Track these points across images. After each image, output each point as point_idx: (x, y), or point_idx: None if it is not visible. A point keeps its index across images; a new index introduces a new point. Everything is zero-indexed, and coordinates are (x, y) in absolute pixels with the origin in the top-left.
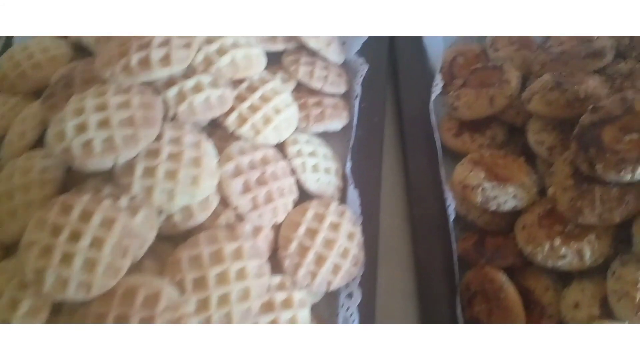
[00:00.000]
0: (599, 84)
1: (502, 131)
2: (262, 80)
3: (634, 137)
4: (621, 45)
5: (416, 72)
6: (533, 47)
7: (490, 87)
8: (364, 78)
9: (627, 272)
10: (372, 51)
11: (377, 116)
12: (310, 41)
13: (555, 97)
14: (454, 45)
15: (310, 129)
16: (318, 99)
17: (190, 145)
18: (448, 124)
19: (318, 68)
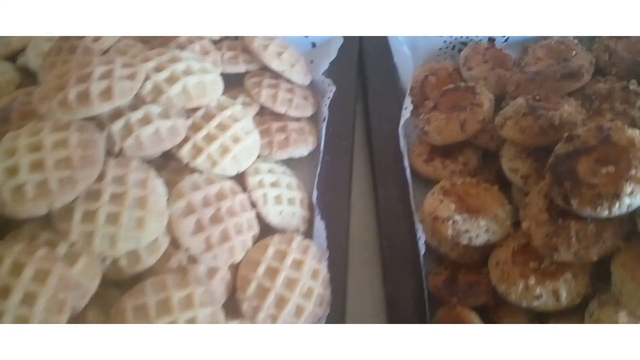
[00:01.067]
0: (575, 109)
1: (475, 156)
2: (220, 106)
3: (611, 169)
4: (600, 61)
5: (386, 93)
6: (508, 65)
7: (461, 111)
8: (332, 100)
9: (605, 315)
10: (340, 71)
11: (345, 140)
12: (273, 63)
13: (528, 124)
14: (426, 63)
15: (273, 156)
16: (282, 124)
17: (136, 183)
18: (419, 148)
19: (282, 91)
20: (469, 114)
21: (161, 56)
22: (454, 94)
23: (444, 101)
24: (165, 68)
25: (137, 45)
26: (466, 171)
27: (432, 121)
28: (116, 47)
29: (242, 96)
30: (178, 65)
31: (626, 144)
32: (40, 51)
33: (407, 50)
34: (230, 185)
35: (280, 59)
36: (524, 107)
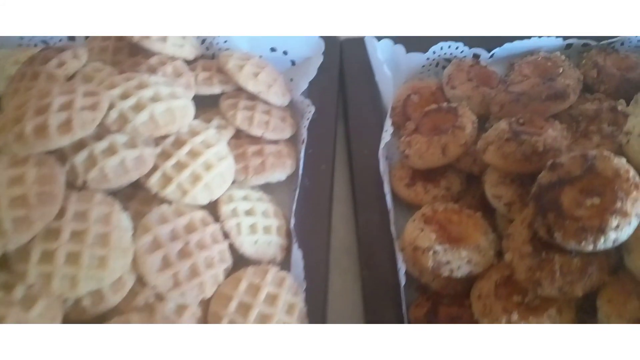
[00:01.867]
0: (560, 133)
1: (457, 180)
2: (192, 131)
3: (596, 201)
4: (588, 78)
5: (368, 113)
6: (493, 83)
7: (442, 134)
8: (311, 121)
9: None
10: (320, 91)
11: (325, 163)
12: (249, 84)
13: (511, 150)
14: (408, 81)
15: (249, 182)
16: (259, 147)
17: (99, 219)
18: (400, 171)
19: (259, 112)
20: (451, 138)
21: (128, 82)
22: (436, 115)
23: (426, 123)
24: (131, 95)
25: (105, 69)
26: (449, 196)
27: (413, 144)
28: (83, 72)
29: (218, 118)
30: (145, 91)
31: (611, 174)
32: (7, 75)
33: (388, 71)
34: (201, 215)
35: (257, 79)
36: (506, 132)
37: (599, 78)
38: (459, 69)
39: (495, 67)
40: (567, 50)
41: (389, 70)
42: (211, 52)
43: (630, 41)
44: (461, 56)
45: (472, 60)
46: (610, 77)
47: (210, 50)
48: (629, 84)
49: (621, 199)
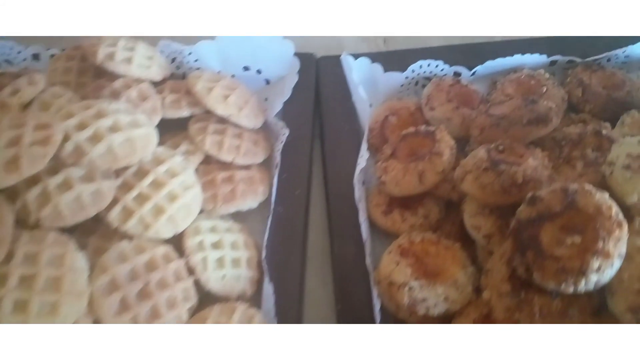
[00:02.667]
0: (541, 162)
1: (436, 208)
2: (157, 160)
3: (576, 240)
4: (573, 97)
5: (345, 136)
6: (475, 103)
7: (419, 161)
8: (286, 144)
9: None
10: (295, 113)
11: (299, 188)
12: (218, 108)
13: (489, 180)
14: (387, 101)
15: (218, 211)
16: (229, 174)
17: (50, 262)
18: (377, 198)
19: (229, 137)
20: (428, 165)
21: (86, 111)
22: (413, 140)
23: (403, 147)
24: (88, 125)
25: (65, 95)
26: (427, 224)
27: (389, 170)
28: (40, 99)
29: (186, 143)
30: (104, 121)
31: (593, 211)
32: None
33: (363, 93)
34: (163, 251)
35: (227, 102)
36: (484, 161)
37: (584, 97)
38: (439, 89)
39: (478, 84)
40: (551, 67)
41: (365, 90)
42: (182, 72)
43: (617, 57)
44: (441, 74)
45: (452, 79)
46: (595, 96)
47: (180, 69)
48: (614, 104)
49: (603, 238)
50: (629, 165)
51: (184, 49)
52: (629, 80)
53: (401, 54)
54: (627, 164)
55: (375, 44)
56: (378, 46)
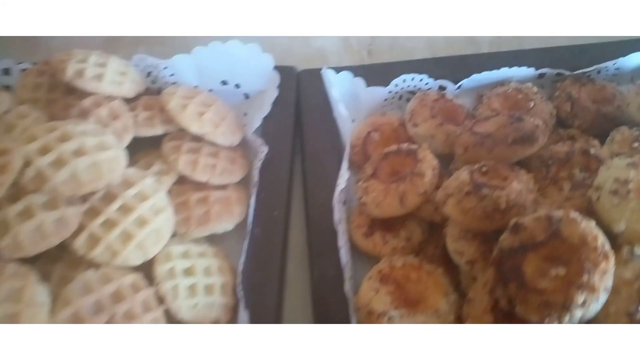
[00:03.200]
0: (526, 185)
1: (418, 229)
2: (126, 182)
3: (561, 272)
4: (562, 112)
5: (326, 154)
6: (460, 118)
7: (400, 182)
8: (264, 162)
9: None
10: (274, 129)
11: (278, 209)
12: (192, 126)
13: (471, 205)
14: (369, 116)
15: (191, 234)
16: (203, 194)
17: (8, 297)
18: (358, 219)
19: (204, 156)
20: (409, 186)
21: (50, 134)
22: (395, 159)
23: (384, 166)
24: (52, 149)
25: (31, 115)
26: (409, 247)
27: (370, 191)
28: (4, 120)
29: (159, 163)
30: (68, 144)
31: (578, 241)
32: None
33: (344, 110)
34: (131, 280)
35: (202, 120)
36: (467, 184)
37: (573, 112)
38: (422, 105)
39: (464, 98)
40: (540, 80)
41: (348, 105)
42: (158, 86)
43: (607, 69)
44: (426, 88)
45: (436, 93)
46: (584, 111)
47: (156, 83)
48: (604, 119)
49: (588, 271)
50: (617, 190)
51: (159, 64)
52: (619, 94)
53: (385, 67)
54: (614, 189)
55: (359, 56)
56: (362, 58)
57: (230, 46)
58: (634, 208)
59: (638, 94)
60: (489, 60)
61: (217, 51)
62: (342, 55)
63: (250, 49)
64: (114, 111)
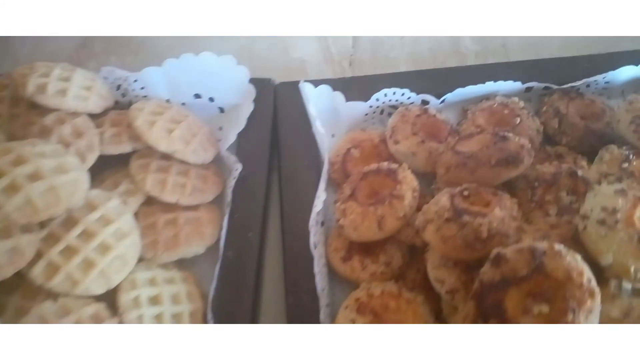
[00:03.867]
0: (509, 212)
1: (398, 253)
2: (89, 206)
3: (544, 309)
4: (549, 128)
5: (304, 170)
6: (443, 135)
7: (379, 205)
8: (239, 180)
9: None
10: (250, 144)
11: (252, 231)
12: (160, 144)
13: (451, 233)
14: (350, 132)
15: (159, 259)
16: (172, 216)
17: None
18: (337, 241)
19: (173, 175)
20: (388, 209)
21: (3, 157)
22: (374, 179)
23: (363, 187)
24: (4, 174)
25: None
26: (389, 272)
27: (348, 214)
28: None
29: (127, 182)
30: (22, 168)
31: (562, 277)
32: None
33: (321, 128)
34: (93, 311)
35: (171, 137)
36: (447, 210)
37: (561, 129)
38: (404, 120)
39: (448, 112)
40: (527, 94)
41: (327, 119)
42: (128, 99)
43: (596, 83)
44: (408, 102)
45: (419, 108)
46: (572, 127)
47: (126, 97)
48: (593, 137)
49: (573, 309)
50: (604, 220)
51: (129, 76)
52: (608, 110)
53: (366, 80)
54: (601, 219)
55: (340, 67)
56: (343, 69)
57: (203, 58)
58: (622, 240)
59: (628, 111)
60: (475, 72)
61: (189, 63)
62: (322, 66)
63: (224, 61)
64: (77, 128)
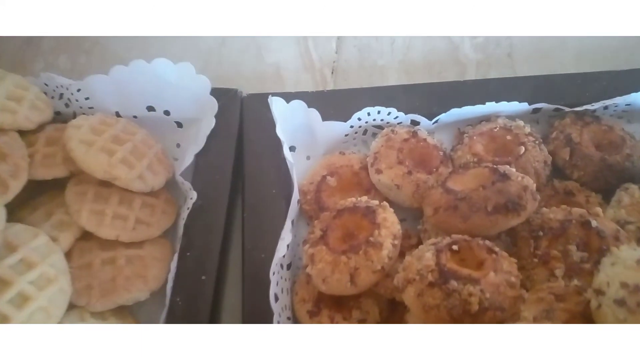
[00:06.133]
0: (505, 277)
1: (375, 308)
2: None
3: None
4: (559, 159)
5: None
6: (434, 163)
7: (353, 253)
8: (192, 212)
9: None
10: (208, 168)
11: (207, 273)
12: (97, 170)
13: (434, 302)
14: (327, 155)
15: (92, 307)
16: (111, 254)
17: None
18: (304, 291)
19: (114, 205)
20: (362, 261)
21: None
22: (350, 218)
23: (336, 228)
24: None
25: None
26: None
27: (317, 261)
28: None
29: (61, 212)
30: None
31: None
32: None
33: (289, 155)
34: None
35: (111, 161)
36: (431, 271)
37: (572, 161)
38: (388, 145)
39: (441, 133)
40: (534, 115)
41: (301, 139)
42: (72, 110)
43: (616, 106)
44: (395, 122)
45: (407, 130)
46: (586, 160)
47: (70, 107)
48: (610, 172)
49: None
50: (624, 300)
51: (71, 85)
52: (629, 139)
53: (348, 94)
54: (620, 298)
55: (320, 76)
56: (324, 78)
57: (156, 66)
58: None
59: None
60: (474, 88)
61: (140, 71)
62: (300, 74)
63: (181, 69)
64: (0, 149)
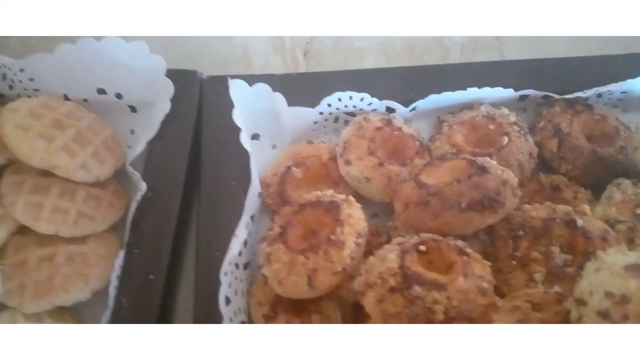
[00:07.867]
0: (476, 283)
1: (337, 314)
2: None
3: None
4: (546, 151)
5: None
6: (409, 153)
7: (312, 253)
8: (142, 205)
9: None
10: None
11: (156, 272)
12: (34, 159)
13: (396, 310)
14: (293, 145)
15: (25, 308)
16: (49, 251)
17: None
18: (261, 293)
19: (53, 197)
20: (322, 262)
21: None
22: (313, 214)
23: (297, 224)
24: None
25: None
26: None
27: (273, 261)
28: None
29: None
30: None
31: None
32: None
33: (248, 146)
34: None
35: (50, 148)
36: (393, 274)
37: (560, 153)
38: (360, 135)
39: (419, 121)
40: (521, 103)
41: (266, 126)
42: (16, 92)
43: (610, 94)
44: (369, 109)
45: (381, 118)
46: (575, 152)
47: (14, 89)
48: (601, 166)
49: None
50: (607, 311)
51: (14, 64)
52: (624, 129)
53: (319, 77)
54: (604, 310)
55: (292, 57)
56: (296, 60)
57: (106, 44)
58: None
59: None
60: (456, 73)
61: (89, 50)
62: (270, 55)
63: (134, 49)
64: None
